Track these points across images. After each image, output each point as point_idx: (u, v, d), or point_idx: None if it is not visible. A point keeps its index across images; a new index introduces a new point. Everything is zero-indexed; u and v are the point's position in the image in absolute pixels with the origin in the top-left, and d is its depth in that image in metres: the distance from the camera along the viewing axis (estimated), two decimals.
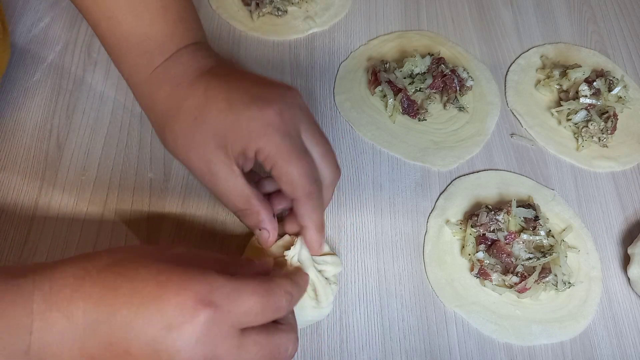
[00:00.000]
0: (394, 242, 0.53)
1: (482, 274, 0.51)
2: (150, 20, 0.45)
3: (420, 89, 0.60)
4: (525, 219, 0.52)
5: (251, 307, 0.34)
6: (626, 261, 0.54)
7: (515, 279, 0.50)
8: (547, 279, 0.50)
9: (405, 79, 0.60)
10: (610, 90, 0.62)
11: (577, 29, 0.73)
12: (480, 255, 0.51)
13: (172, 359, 0.32)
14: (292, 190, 0.41)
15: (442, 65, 0.61)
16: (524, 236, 0.51)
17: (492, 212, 0.52)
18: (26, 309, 0.32)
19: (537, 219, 0.52)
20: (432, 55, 0.62)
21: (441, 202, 0.56)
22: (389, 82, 0.60)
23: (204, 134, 0.42)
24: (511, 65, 0.68)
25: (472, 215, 0.53)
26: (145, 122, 0.56)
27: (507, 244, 0.51)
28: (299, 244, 0.43)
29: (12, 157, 0.53)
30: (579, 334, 0.50)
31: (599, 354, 0.50)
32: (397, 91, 0.60)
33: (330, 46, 0.66)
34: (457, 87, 0.61)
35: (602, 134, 0.61)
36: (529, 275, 0.50)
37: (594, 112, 0.61)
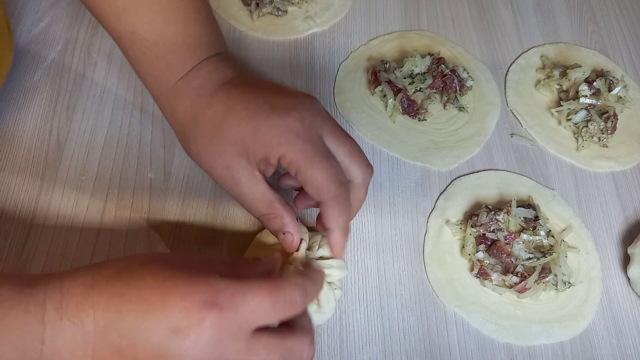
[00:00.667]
0: (394, 242, 0.53)
1: (482, 274, 0.51)
2: (172, 35, 0.46)
3: (420, 89, 0.60)
4: (525, 219, 0.52)
5: (259, 304, 0.34)
6: (626, 261, 0.54)
7: (515, 279, 0.50)
8: (547, 279, 0.50)
9: (405, 79, 0.60)
10: (610, 90, 0.62)
11: (577, 29, 0.73)
12: (480, 255, 0.51)
13: None
14: (318, 194, 0.41)
15: (442, 65, 0.61)
16: (524, 236, 0.51)
17: (492, 212, 0.52)
18: (38, 317, 0.33)
19: (537, 219, 0.52)
20: (432, 55, 0.62)
21: (441, 202, 0.56)
22: (389, 82, 0.60)
23: (225, 142, 0.42)
24: (511, 65, 0.68)
25: (472, 215, 0.53)
26: (145, 122, 0.57)
27: (507, 244, 0.51)
28: (304, 246, 0.44)
29: (12, 157, 0.53)
30: (579, 334, 0.50)
31: (599, 354, 0.50)
32: (397, 91, 0.60)
33: (330, 46, 0.66)
34: (457, 87, 0.61)
35: (602, 134, 0.61)
36: (529, 275, 0.50)
37: (594, 112, 0.61)
